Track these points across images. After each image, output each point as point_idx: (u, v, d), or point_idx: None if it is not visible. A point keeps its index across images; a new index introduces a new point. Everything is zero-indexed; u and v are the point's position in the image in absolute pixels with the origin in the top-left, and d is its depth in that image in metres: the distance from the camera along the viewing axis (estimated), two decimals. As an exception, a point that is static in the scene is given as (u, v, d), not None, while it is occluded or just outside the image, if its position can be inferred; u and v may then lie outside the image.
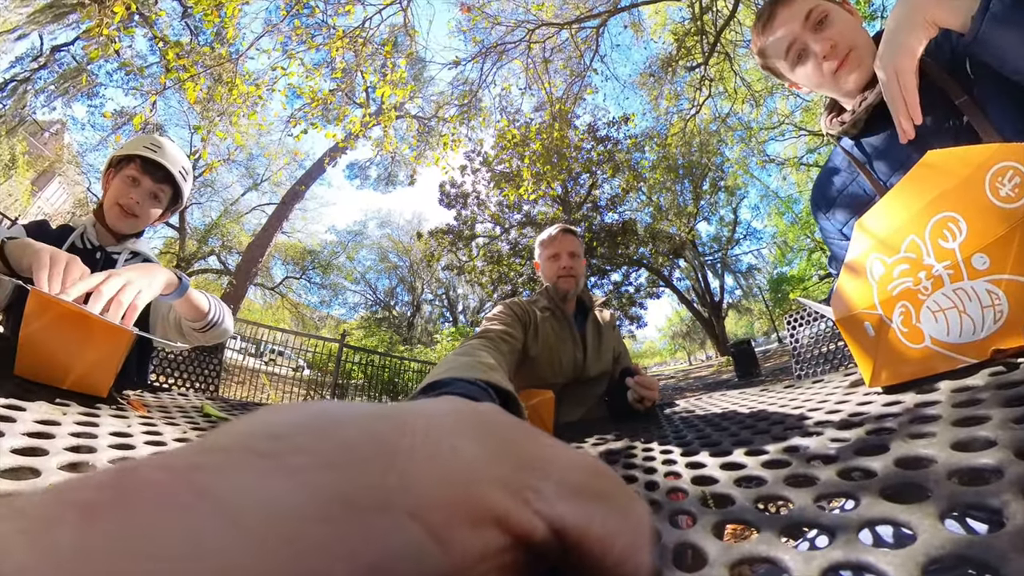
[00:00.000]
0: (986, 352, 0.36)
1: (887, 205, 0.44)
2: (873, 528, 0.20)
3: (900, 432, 0.31)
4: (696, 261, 20.92)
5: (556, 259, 1.19)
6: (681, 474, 0.36)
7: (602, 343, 1.16)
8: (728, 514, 0.26)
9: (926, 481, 0.22)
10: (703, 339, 35.37)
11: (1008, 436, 0.23)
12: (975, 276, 0.36)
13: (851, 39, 0.62)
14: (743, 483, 0.31)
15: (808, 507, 0.23)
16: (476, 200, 17.51)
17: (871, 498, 0.22)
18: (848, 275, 0.47)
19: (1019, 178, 0.33)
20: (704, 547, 0.22)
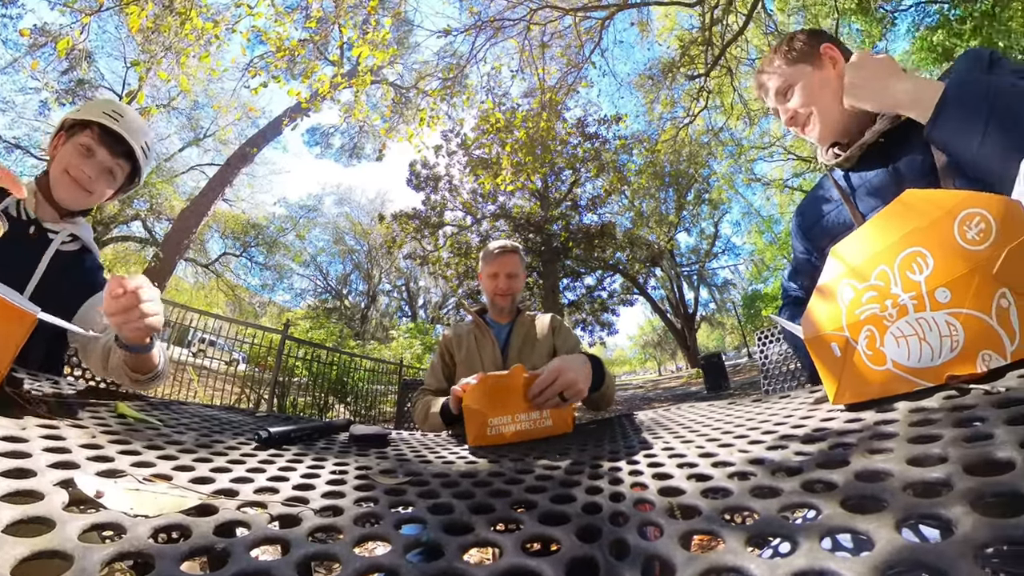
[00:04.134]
0: (941, 377, 0.42)
1: (862, 235, 0.50)
2: (834, 536, 0.22)
3: (860, 447, 0.34)
4: (673, 271, 21.78)
5: (495, 278, 1.39)
6: (648, 485, 0.38)
7: (534, 345, 1.37)
8: (695, 525, 0.27)
9: (883, 493, 0.24)
10: (674, 350, 36.81)
11: (958, 453, 0.26)
12: (937, 308, 0.42)
13: (812, 103, 0.77)
14: (710, 494, 0.33)
15: (773, 517, 0.26)
16: (448, 185, 16.98)
17: (832, 508, 0.24)
18: (819, 298, 0.52)
19: (984, 224, 0.39)
20: (672, 558, 0.23)
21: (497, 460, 0.58)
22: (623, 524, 0.30)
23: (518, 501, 0.38)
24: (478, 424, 0.81)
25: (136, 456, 0.44)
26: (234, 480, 0.41)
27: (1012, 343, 0.38)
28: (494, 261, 1.40)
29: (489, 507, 0.37)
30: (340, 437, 0.78)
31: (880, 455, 0.31)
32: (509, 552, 0.27)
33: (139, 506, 0.30)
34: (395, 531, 0.30)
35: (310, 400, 6.14)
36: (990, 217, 0.39)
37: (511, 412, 0.83)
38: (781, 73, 0.81)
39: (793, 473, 0.32)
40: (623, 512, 0.33)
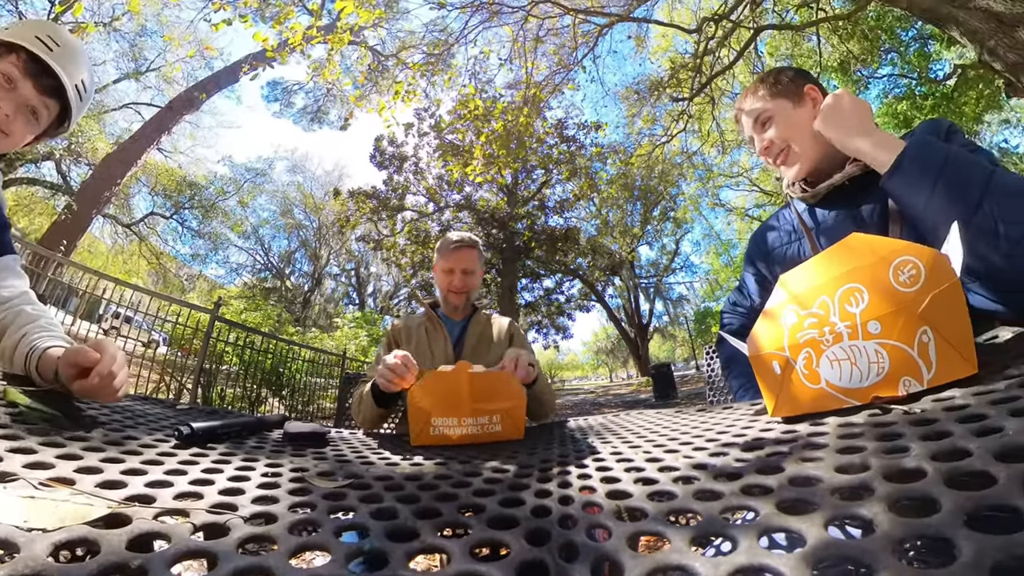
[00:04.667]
0: (867, 397, 0.48)
1: (808, 268, 0.57)
2: (770, 535, 0.24)
3: (794, 455, 0.38)
4: (631, 282, 22.66)
5: (450, 274, 1.34)
6: (596, 488, 0.39)
7: (488, 346, 1.35)
8: (642, 526, 0.29)
9: (814, 496, 0.28)
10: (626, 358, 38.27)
11: (879, 463, 0.30)
12: (868, 338, 0.49)
13: (789, 138, 0.83)
14: (656, 497, 0.35)
15: (715, 518, 0.28)
16: (414, 167, 16.27)
17: (769, 510, 0.27)
18: (765, 320, 0.59)
19: (915, 271, 0.47)
20: (620, 559, 0.25)
21: (444, 462, 0.58)
22: (572, 527, 0.31)
23: (466, 505, 0.38)
24: (422, 422, 0.79)
25: (30, 455, 0.39)
26: (150, 484, 0.38)
27: (929, 372, 0.45)
28: (451, 255, 1.34)
29: (435, 511, 0.36)
30: (273, 435, 0.74)
31: (811, 463, 0.34)
32: (457, 558, 0.26)
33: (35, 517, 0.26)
34: (335, 539, 0.29)
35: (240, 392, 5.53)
36: (921, 266, 0.46)
37: (457, 414, 0.81)
38: (763, 103, 0.86)
39: (733, 478, 0.35)
40: (572, 515, 0.34)
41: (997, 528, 0.18)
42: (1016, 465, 0.23)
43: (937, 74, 11.13)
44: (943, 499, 0.22)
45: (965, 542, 0.18)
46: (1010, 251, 0.56)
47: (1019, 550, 0.16)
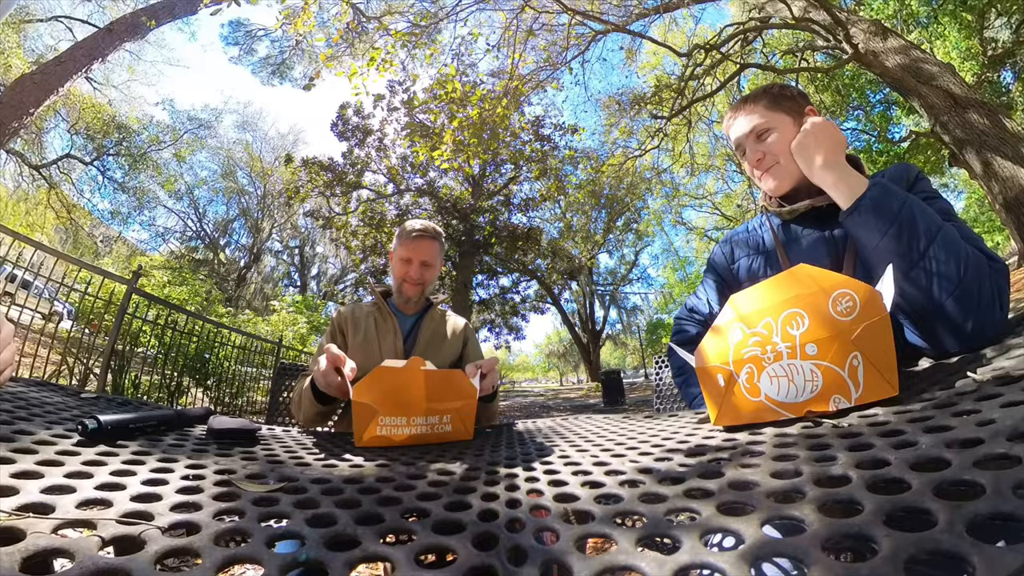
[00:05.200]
0: (802, 411, 0.54)
1: (756, 291, 0.62)
2: (712, 535, 0.26)
3: (733, 461, 0.41)
4: (588, 288, 23.32)
5: (407, 263, 1.29)
6: (544, 492, 0.40)
7: (441, 344, 1.32)
8: (590, 528, 0.30)
9: (751, 499, 0.30)
10: (577, 362, 39.19)
11: (809, 470, 0.33)
12: (805, 358, 0.55)
13: (781, 152, 0.85)
14: (602, 500, 0.36)
15: (660, 520, 0.29)
16: (378, 142, 15.21)
17: (710, 511, 0.29)
18: (712, 335, 0.64)
19: (852, 303, 0.53)
20: (569, 561, 0.25)
21: (386, 464, 0.56)
22: (520, 530, 0.32)
23: (410, 509, 0.37)
24: (367, 421, 0.75)
25: None
26: (48, 490, 0.34)
27: (857, 392, 0.52)
28: (411, 243, 1.28)
29: (378, 517, 0.35)
30: (196, 431, 0.69)
31: (749, 469, 0.37)
32: (401, 566, 0.26)
33: None
34: (267, 550, 0.27)
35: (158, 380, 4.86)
36: (857, 299, 0.53)
37: (407, 413, 0.78)
38: (764, 114, 0.87)
39: (677, 482, 0.37)
40: (519, 518, 0.34)
41: (911, 527, 0.21)
42: (927, 474, 0.26)
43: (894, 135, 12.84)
44: (865, 502, 0.25)
45: (884, 539, 0.20)
46: (941, 301, 0.63)
47: (929, 545, 0.19)
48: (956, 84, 5.31)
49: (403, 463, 0.57)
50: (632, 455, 0.51)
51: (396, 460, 0.59)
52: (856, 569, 0.18)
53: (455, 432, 0.82)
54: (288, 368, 1.91)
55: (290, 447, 0.67)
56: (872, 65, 5.84)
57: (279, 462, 0.55)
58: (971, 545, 0.18)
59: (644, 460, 0.47)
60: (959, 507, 0.21)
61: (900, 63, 5.59)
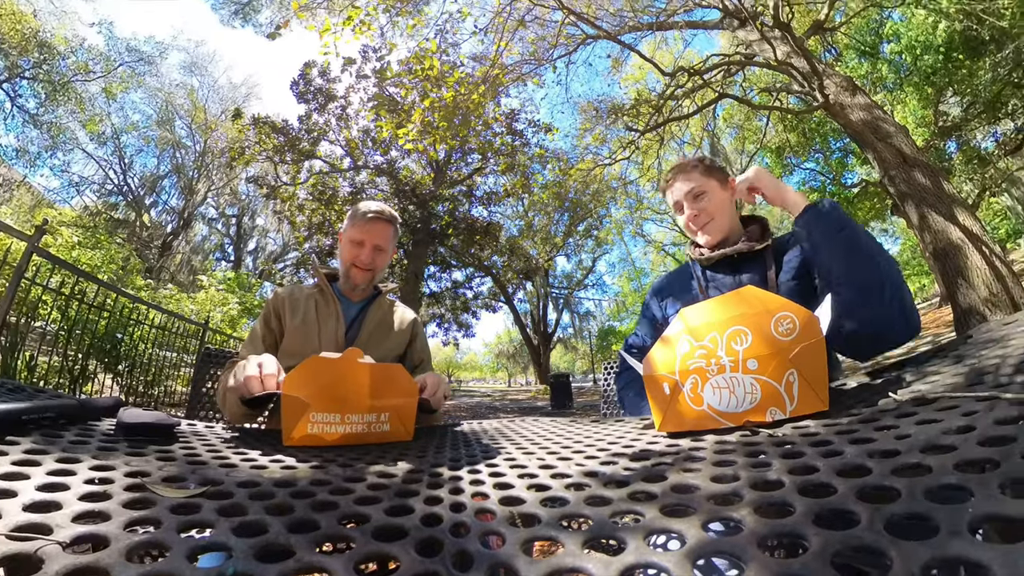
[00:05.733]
0: (741, 421, 0.59)
1: (706, 307, 0.69)
2: (655, 536, 0.28)
3: (676, 466, 0.43)
4: (543, 289, 23.70)
5: (358, 246, 1.23)
6: (489, 495, 0.40)
7: (386, 336, 1.28)
8: (536, 532, 0.30)
9: (692, 501, 0.32)
10: (527, 364, 39.63)
11: (747, 475, 0.36)
12: (746, 372, 0.61)
13: (714, 212, 1.06)
14: (549, 503, 0.37)
15: (605, 522, 0.30)
16: (340, 111, 14.06)
17: (654, 513, 0.31)
18: (661, 345, 0.69)
19: (792, 325, 0.60)
20: (516, 564, 0.26)
21: (321, 466, 0.54)
22: (465, 535, 0.32)
23: (348, 515, 0.36)
24: (296, 417, 0.71)
25: None
26: None
27: (791, 405, 0.58)
28: (365, 225, 1.23)
29: (313, 523, 0.33)
30: (103, 425, 0.63)
31: (691, 473, 0.40)
32: None
33: None
34: (189, 565, 0.25)
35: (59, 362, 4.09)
36: (797, 322, 0.60)
37: (342, 410, 0.74)
38: (699, 180, 1.07)
39: (622, 485, 0.39)
40: (464, 522, 0.34)
41: (837, 526, 0.24)
42: (851, 480, 0.30)
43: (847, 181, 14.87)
44: (797, 504, 0.28)
45: (814, 537, 0.23)
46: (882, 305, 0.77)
47: (853, 542, 0.22)
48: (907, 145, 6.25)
49: (340, 465, 0.54)
50: (578, 459, 0.52)
51: (332, 462, 0.56)
52: (789, 565, 0.21)
53: (393, 432, 0.79)
54: (214, 355, 1.76)
55: (213, 446, 0.62)
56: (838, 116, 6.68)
57: (201, 463, 0.51)
58: (889, 541, 0.21)
59: (590, 464, 0.49)
60: (878, 509, 0.24)
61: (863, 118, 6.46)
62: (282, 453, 0.61)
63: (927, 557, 0.19)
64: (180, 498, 0.37)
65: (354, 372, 0.78)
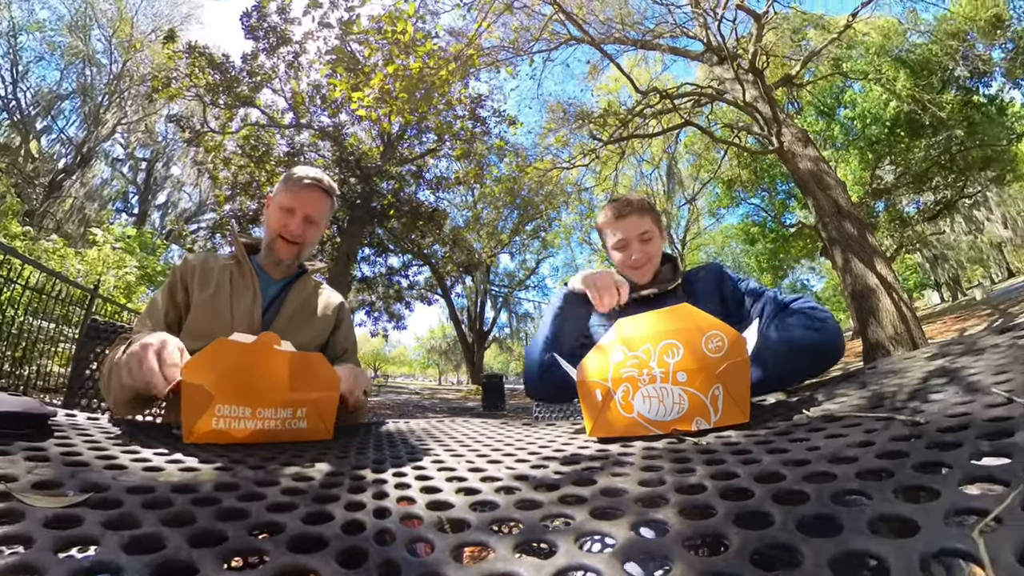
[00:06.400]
0: (668, 429, 0.64)
1: (643, 319, 0.74)
2: (586, 538, 0.29)
3: (605, 470, 0.46)
4: (483, 285, 23.69)
5: (288, 214, 1.15)
6: (416, 499, 0.40)
7: (308, 321, 1.21)
8: (465, 537, 0.30)
9: (621, 504, 0.34)
10: (459, 362, 39.37)
11: (672, 479, 0.39)
12: (675, 384, 0.66)
13: (653, 255, 1.18)
14: (478, 507, 0.37)
15: (536, 526, 0.31)
16: (292, 57, 12.58)
17: (584, 516, 0.32)
18: (596, 353, 0.74)
19: (721, 343, 0.66)
20: (445, 572, 0.26)
21: (228, 467, 0.50)
22: (390, 542, 0.31)
23: (259, 524, 0.34)
24: (200, 410, 0.65)
25: None
26: None
27: (715, 416, 0.64)
28: (298, 192, 1.15)
29: (219, 535, 0.31)
30: None
31: (620, 477, 0.42)
32: None
33: None
34: None
35: None
36: (726, 341, 0.66)
37: (252, 403, 0.68)
38: (650, 223, 1.18)
39: (552, 488, 0.40)
40: (390, 529, 0.33)
41: (755, 526, 0.27)
42: (768, 485, 0.34)
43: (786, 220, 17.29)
44: (718, 507, 0.31)
45: (734, 536, 0.26)
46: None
47: (769, 540, 0.25)
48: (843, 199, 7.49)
49: (250, 466, 0.51)
50: (509, 462, 0.53)
51: (240, 463, 0.52)
52: (712, 562, 0.23)
53: (311, 430, 0.74)
54: (102, 329, 1.51)
55: (98, 442, 0.55)
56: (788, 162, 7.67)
57: (82, 464, 0.45)
58: (800, 539, 0.24)
59: (520, 467, 0.50)
60: (791, 510, 0.28)
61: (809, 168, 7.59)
62: (181, 452, 0.56)
63: (833, 551, 0.22)
64: (56, 508, 0.32)
65: (269, 360, 0.72)
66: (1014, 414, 0.35)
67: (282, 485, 0.43)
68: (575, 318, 1.11)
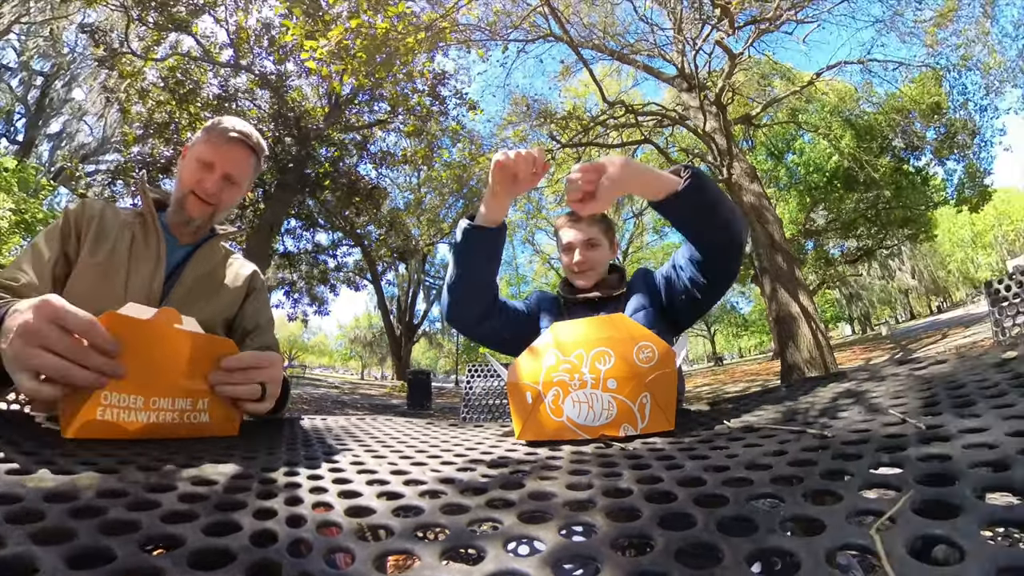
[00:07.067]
0: (596, 434, 0.67)
1: (578, 325, 0.78)
2: (514, 542, 0.29)
3: (534, 474, 0.47)
4: (417, 275, 23.17)
5: (206, 169, 1.05)
6: (334, 505, 0.38)
7: (214, 293, 1.11)
8: (389, 545, 0.30)
9: (549, 508, 0.36)
10: (385, 355, 38.25)
11: (600, 483, 0.41)
12: (605, 390, 0.69)
13: (598, 262, 1.26)
14: (401, 513, 0.37)
15: (463, 531, 0.32)
16: None
17: (512, 520, 0.33)
18: (528, 355, 0.76)
19: (651, 354, 0.70)
20: None
21: (114, 469, 0.45)
22: (306, 554, 0.29)
23: (153, 538, 0.30)
24: (81, 397, 0.58)
25: None
26: None
27: (642, 423, 0.68)
28: (221, 145, 1.05)
29: (104, 553, 0.27)
30: None
31: (548, 481, 0.43)
32: None
33: None
34: None
35: None
36: (656, 352, 0.71)
37: (147, 390, 0.62)
38: (597, 232, 1.27)
39: (479, 492, 0.41)
40: (305, 539, 0.31)
41: (678, 527, 0.29)
42: (690, 488, 0.37)
43: None
44: (644, 510, 0.33)
45: (659, 537, 0.28)
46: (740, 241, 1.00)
47: (692, 540, 0.27)
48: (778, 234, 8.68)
49: (140, 467, 0.46)
50: (434, 464, 0.53)
51: (130, 463, 0.47)
52: (639, 562, 0.25)
53: (214, 424, 0.69)
54: None
55: None
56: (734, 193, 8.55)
57: None
58: (720, 538, 0.27)
59: (446, 470, 0.50)
60: (712, 512, 0.31)
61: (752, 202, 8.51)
62: (56, 450, 0.50)
63: (750, 548, 0.25)
64: None
65: (168, 340, 0.65)
66: (907, 432, 0.42)
67: (180, 491, 0.40)
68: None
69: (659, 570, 0.24)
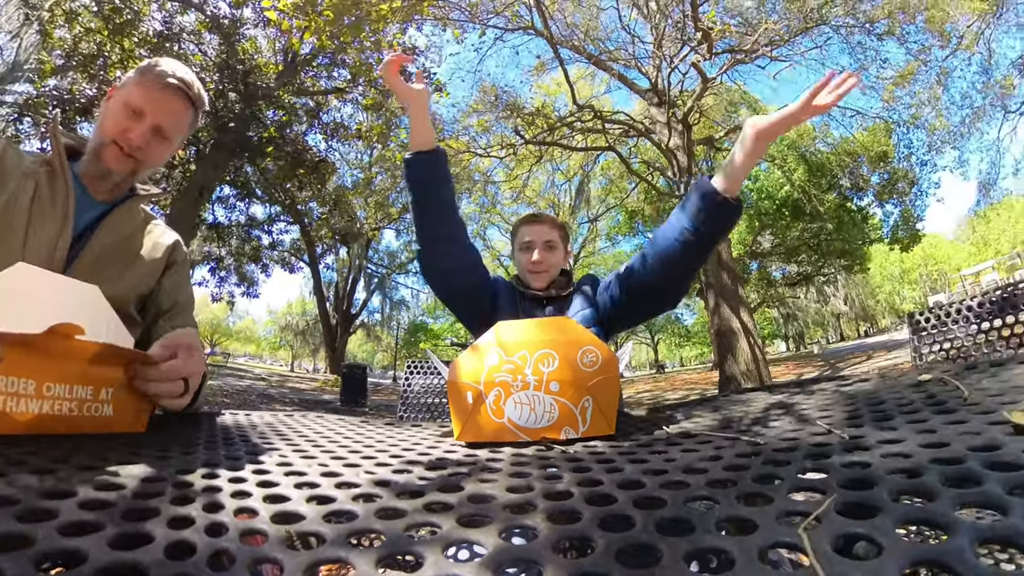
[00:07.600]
0: (538, 436, 0.69)
1: (522, 326, 0.80)
2: (454, 547, 0.29)
3: (473, 476, 0.47)
4: (358, 261, 22.37)
5: (134, 118, 0.95)
6: (258, 511, 0.37)
7: (130, 262, 1.02)
8: (320, 554, 0.29)
9: (489, 511, 0.36)
10: (318, 347, 36.71)
11: (540, 486, 0.42)
12: (548, 392, 0.71)
13: (552, 265, 1.36)
14: (333, 518, 0.36)
15: (400, 537, 0.31)
16: None
17: (451, 524, 0.33)
18: (470, 353, 0.77)
19: (595, 358, 0.73)
20: None
21: (1, 471, 0.41)
22: (229, 566, 0.28)
23: (48, 553, 0.27)
24: None
25: None
26: None
27: (584, 427, 0.70)
28: (154, 92, 0.95)
29: None
30: None
31: (488, 483, 0.44)
32: None
33: None
34: None
35: None
36: (600, 357, 0.73)
37: (40, 375, 0.56)
38: (556, 236, 1.36)
39: (417, 495, 0.40)
40: (227, 549, 0.30)
41: (618, 529, 0.30)
42: (629, 491, 0.38)
43: None
44: (584, 512, 0.34)
45: (600, 539, 0.29)
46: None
47: (631, 540, 0.29)
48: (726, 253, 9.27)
49: (32, 470, 0.42)
50: (368, 465, 0.52)
51: (20, 464, 0.43)
52: (580, 563, 0.26)
53: (119, 419, 0.63)
54: None
55: None
56: None
57: None
58: (659, 538, 0.28)
59: (382, 472, 0.49)
60: (651, 514, 0.32)
61: None
62: None
63: (687, 548, 0.27)
64: None
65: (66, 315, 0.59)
66: (832, 442, 0.46)
67: (80, 497, 0.36)
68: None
69: (600, 571, 0.25)
